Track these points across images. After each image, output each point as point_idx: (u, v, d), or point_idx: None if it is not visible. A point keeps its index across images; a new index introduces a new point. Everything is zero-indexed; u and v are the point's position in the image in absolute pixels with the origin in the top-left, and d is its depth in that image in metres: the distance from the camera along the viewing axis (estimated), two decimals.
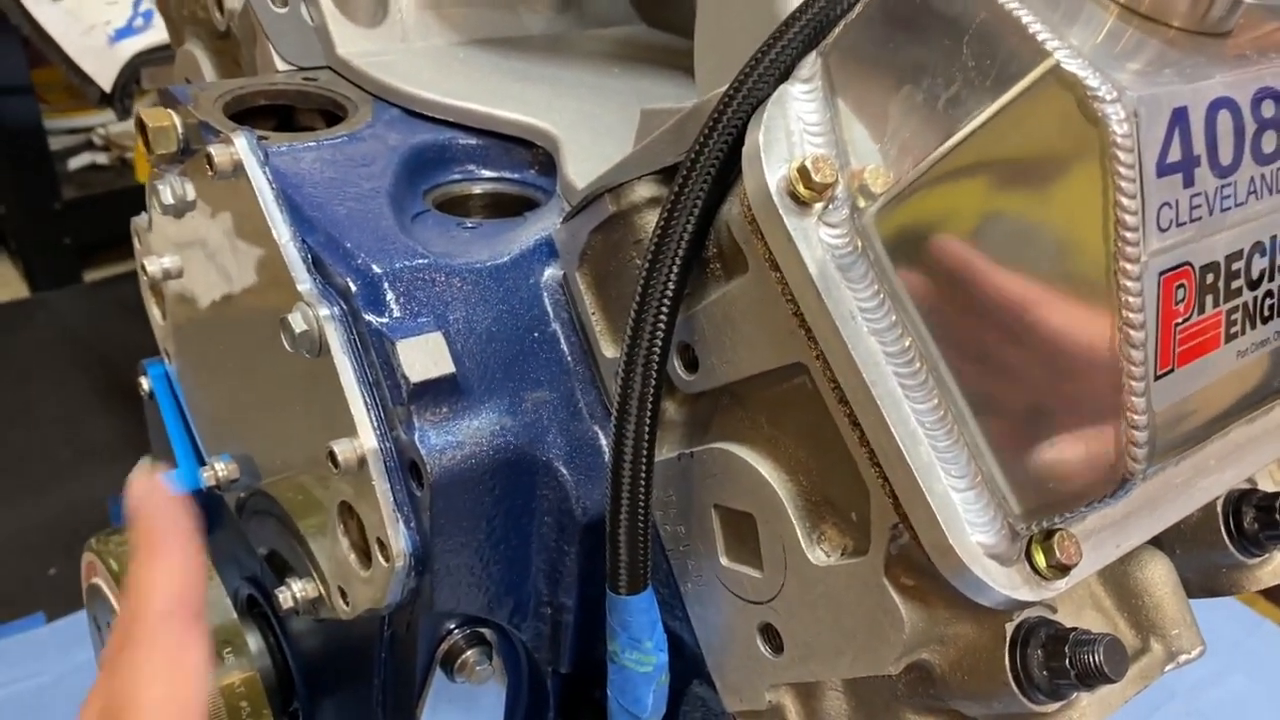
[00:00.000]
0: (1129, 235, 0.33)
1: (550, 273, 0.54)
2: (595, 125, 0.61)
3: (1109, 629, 0.46)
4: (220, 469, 0.66)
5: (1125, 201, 0.32)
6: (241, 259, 0.56)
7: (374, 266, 0.50)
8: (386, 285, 0.50)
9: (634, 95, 0.67)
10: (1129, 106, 0.33)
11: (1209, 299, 0.37)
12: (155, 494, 0.48)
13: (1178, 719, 1.49)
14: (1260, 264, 0.38)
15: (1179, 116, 0.34)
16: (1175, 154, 0.34)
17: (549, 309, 0.53)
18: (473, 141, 0.62)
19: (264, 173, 0.52)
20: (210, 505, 0.75)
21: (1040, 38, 0.34)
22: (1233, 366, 0.39)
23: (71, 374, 2.33)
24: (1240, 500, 0.49)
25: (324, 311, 0.49)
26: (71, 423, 2.17)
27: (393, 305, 0.49)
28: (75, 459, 2.08)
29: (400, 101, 0.63)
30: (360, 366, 0.49)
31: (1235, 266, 0.38)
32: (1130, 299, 0.33)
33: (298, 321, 0.49)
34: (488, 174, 0.62)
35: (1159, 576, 0.46)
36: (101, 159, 2.76)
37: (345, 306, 0.50)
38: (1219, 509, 0.49)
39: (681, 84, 0.69)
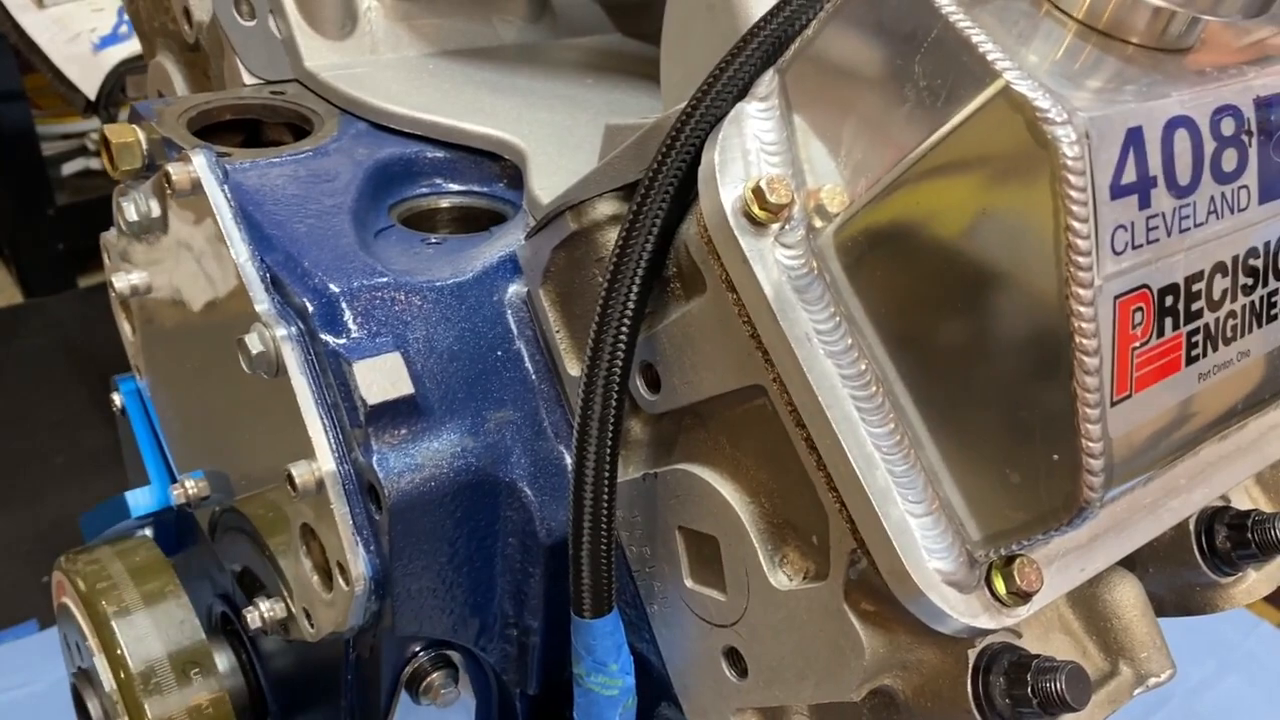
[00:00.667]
0: (1080, 259, 0.32)
1: (514, 289, 0.53)
2: (565, 138, 0.60)
3: (1077, 652, 0.46)
4: (190, 486, 0.65)
5: (1076, 225, 0.32)
6: (204, 277, 0.55)
7: (331, 285, 0.49)
8: (344, 304, 0.49)
9: (607, 106, 0.66)
10: (1080, 128, 0.32)
11: (1168, 321, 0.36)
12: None
13: None
14: (1222, 284, 0.38)
15: (1134, 137, 0.34)
16: (1130, 175, 0.34)
17: (513, 326, 0.53)
18: (440, 155, 0.61)
19: (223, 191, 0.52)
20: (184, 521, 0.74)
21: (990, 57, 0.33)
22: (1196, 389, 0.38)
23: (65, 380, 2.33)
24: (1213, 519, 0.48)
25: (281, 332, 0.48)
26: (65, 429, 2.16)
27: (351, 325, 0.49)
28: (69, 465, 2.08)
29: (367, 115, 0.63)
30: (318, 388, 0.48)
31: (1196, 288, 0.37)
32: (1083, 324, 0.32)
33: (254, 342, 0.48)
34: (455, 187, 0.61)
35: (1128, 598, 0.46)
36: (95, 164, 2.74)
37: (303, 326, 0.49)
38: (1191, 528, 0.49)
39: (655, 94, 0.68)
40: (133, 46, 1.64)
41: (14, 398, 2.25)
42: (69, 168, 2.72)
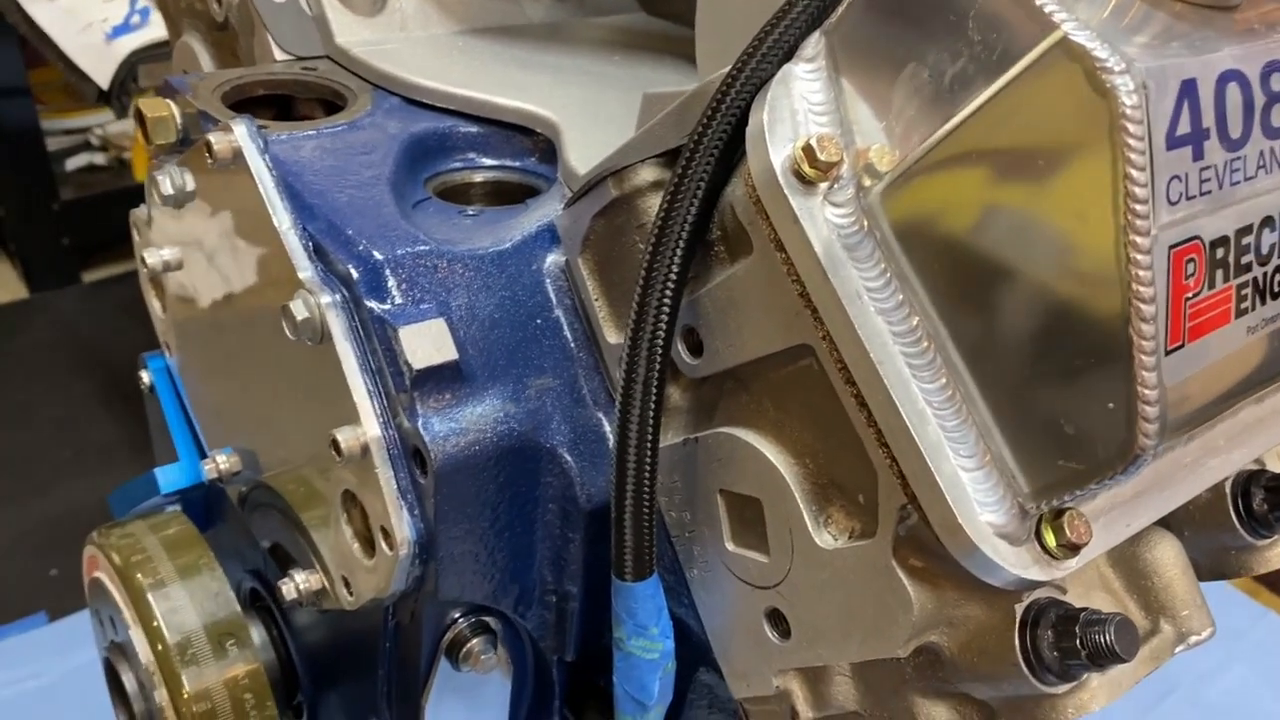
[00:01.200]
0: (1139, 208, 0.32)
1: (553, 259, 0.54)
2: (596, 112, 0.61)
3: (1119, 610, 0.46)
4: (222, 462, 0.66)
5: (1135, 174, 0.32)
6: (242, 248, 0.56)
7: (375, 253, 0.50)
8: (388, 272, 0.49)
9: (635, 82, 0.67)
10: (1138, 78, 0.32)
11: (1219, 274, 0.36)
12: None
13: (1181, 710, 1.49)
14: (1270, 239, 0.38)
15: (1188, 89, 0.34)
16: (1184, 126, 0.34)
17: (552, 295, 0.53)
18: (473, 129, 0.62)
19: (264, 160, 0.52)
20: (212, 498, 0.74)
21: (1047, 10, 0.33)
22: (1243, 342, 0.38)
23: (71, 375, 2.33)
24: (1249, 481, 0.49)
25: (325, 299, 0.49)
26: (71, 423, 2.16)
27: (394, 292, 0.49)
28: (75, 459, 2.08)
29: (400, 90, 0.63)
30: (362, 354, 0.49)
31: (1245, 241, 0.37)
32: (1140, 272, 0.33)
33: (299, 309, 0.49)
34: (489, 162, 0.62)
35: (1168, 557, 0.46)
36: (99, 159, 2.75)
37: (347, 293, 0.49)
38: (1228, 490, 0.49)
39: (682, 71, 0.69)
40: (145, 36, 1.64)
41: (19, 393, 2.25)
42: (73, 163, 2.72)
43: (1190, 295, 0.35)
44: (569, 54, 0.70)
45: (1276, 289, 0.39)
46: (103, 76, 1.59)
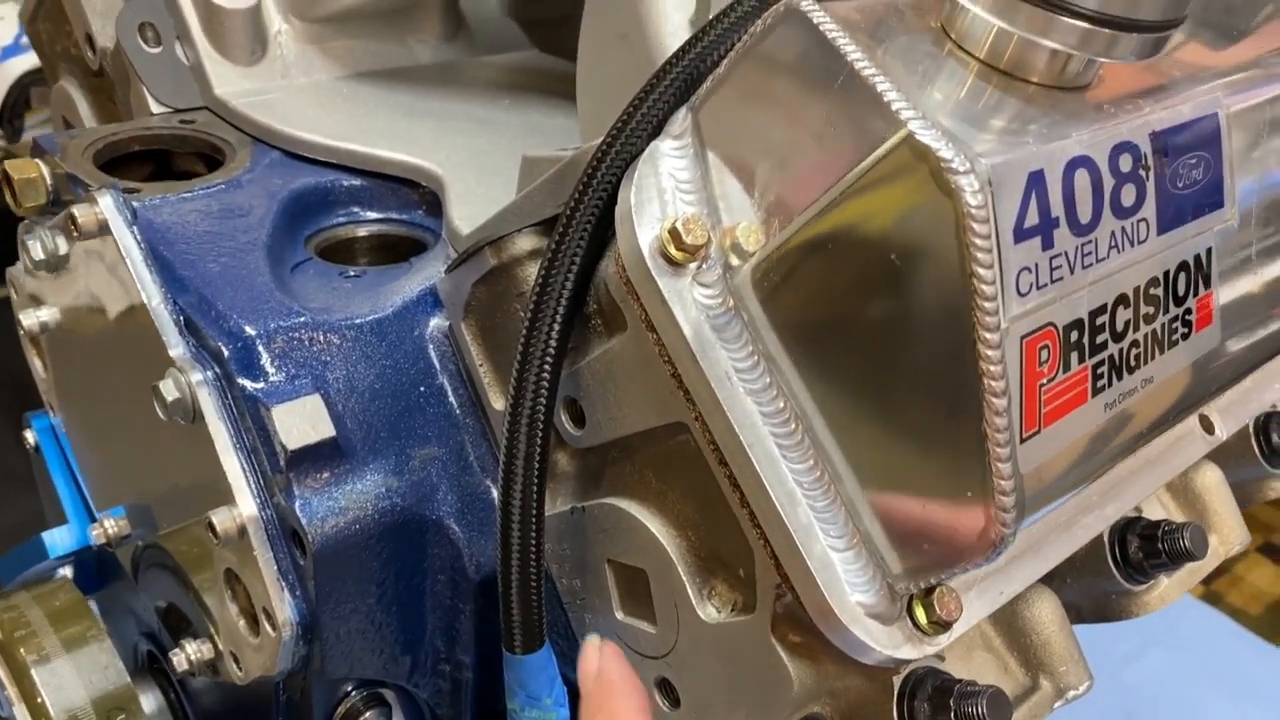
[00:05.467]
0: (987, 305, 0.32)
1: (436, 323, 0.53)
2: (483, 163, 0.60)
3: (999, 668, 0.47)
4: (110, 525, 0.64)
5: (981, 271, 0.32)
6: (115, 318, 0.54)
7: (247, 328, 0.48)
8: (261, 347, 0.48)
9: (524, 128, 0.66)
10: (983, 175, 0.32)
11: (1074, 356, 0.37)
12: (610, 661, 0.46)
13: (1101, 695, 1.52)
14: (1124, 315, 0.39)
15: (1035, 180, 0.34)
16: (1033, 218, 0.34)
17: (435, 361, 0.52)
18: (357, 183, 0.60)
19: (131, 232, 0.51)
20: (104, 557, 0.72)
21: (895, 106, 0.33)
22: (1103, 418, 0.39)
23: None
24: (1125, 529, 0.50)
25: (196, 377, 0.47)
26: None
27: (268, 368, 0.48)
28: None
29: (280, 143, 0.62)
30: (236, 433, 0.48)
31: (1100, 321, 0.38)
32: (991, 367, 0.33)
33: (169, 389, 0.47)
34: (373, 215, 0.61)
35: (1046, 614, 0.47)
36: None
37: (219, 371, 0.48)
38: (1105, 539, 0.50)
39: (573, 114, 0.68)
40: (36, 58, 1.58)
41: None
42: None
43: (1045, 381, 0.36)
44: (457, 98, 0.68)
45: (1133, 363, 0.40)
46: None
